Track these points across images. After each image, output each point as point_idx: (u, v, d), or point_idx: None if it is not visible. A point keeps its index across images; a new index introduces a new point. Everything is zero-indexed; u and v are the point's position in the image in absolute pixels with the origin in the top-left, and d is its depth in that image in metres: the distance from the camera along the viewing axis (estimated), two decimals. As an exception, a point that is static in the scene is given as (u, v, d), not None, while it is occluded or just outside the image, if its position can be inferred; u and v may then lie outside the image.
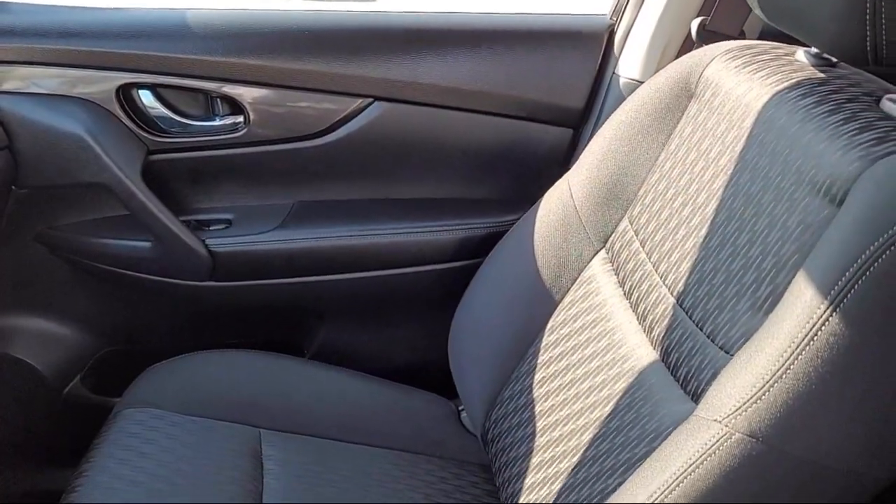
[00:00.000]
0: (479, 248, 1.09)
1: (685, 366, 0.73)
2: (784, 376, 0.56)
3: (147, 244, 1.06)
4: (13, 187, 1.00)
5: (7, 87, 0.97)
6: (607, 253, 0.93)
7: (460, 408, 1.14)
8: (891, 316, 0.54)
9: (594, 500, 0.73)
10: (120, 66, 1.00)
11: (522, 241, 1.03)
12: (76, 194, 1.05)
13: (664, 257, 0.82)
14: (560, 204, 0.99)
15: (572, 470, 0.82)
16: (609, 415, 0.80)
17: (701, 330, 0.72)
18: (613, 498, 0.64)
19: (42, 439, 1.17)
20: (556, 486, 0.84)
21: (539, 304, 0.98)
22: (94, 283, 1.12)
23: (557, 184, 1.01)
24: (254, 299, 1.10)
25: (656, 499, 0.59)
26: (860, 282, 0.54)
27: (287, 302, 1.12)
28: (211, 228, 1.08)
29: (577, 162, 1.00)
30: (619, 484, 0.68)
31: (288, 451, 0.99)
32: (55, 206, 1.06)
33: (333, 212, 1.12)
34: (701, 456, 0.58)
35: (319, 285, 1.10)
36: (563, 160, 1.10)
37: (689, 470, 0.58)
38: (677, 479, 0.59)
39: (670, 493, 0.59)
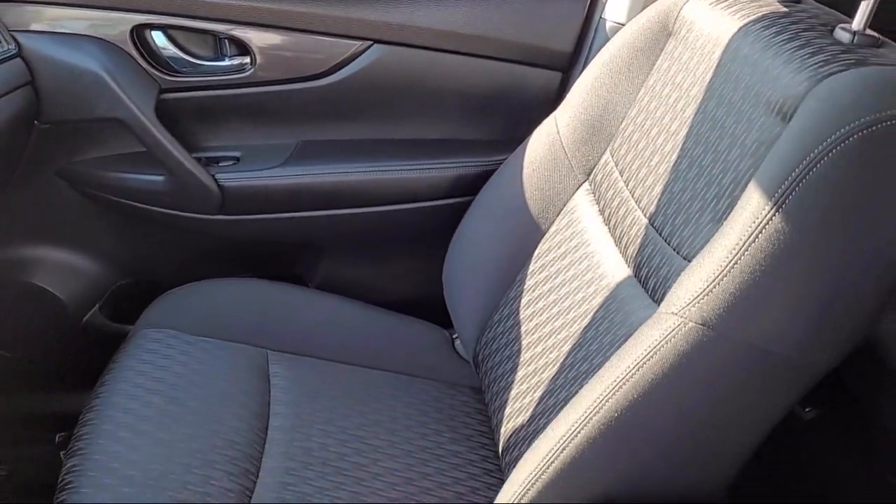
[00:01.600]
0: (472, 185, 1.15)
1: (654, 277, 0.80)
2: (732, 271, 0.63)
3: (161, 178, 1.13)
4: (36, 122, 1.07)
5: (32, 27, 1.04)
6: (590, 185, 1.00)
7: (454, 336, 1.21)
8: (826, 215, 0.60)
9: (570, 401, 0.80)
10: (134, 7, 1.07)
11: (512, 176, 1.09)
12: (94, 130, 1.12)
13: (640, 183, 0.88)
14: (547, 140, 1.05)
15: (552, 378, 0.90)
16: (586, 326, 0.87)
17: (668, 244, 0.79)
18: (584, 390, 0.71)
19: (62, 365, 1.25)
20: (538, 394, 0.91)
21: (526, 234, 1.05)
22: (111, 216, 1.20)
23: (545, 121, 1.07)
24: (260, 232, 1.17)
25: (618, 384, 0.66)
26: (800, 185, 0.60)
27: (290, 235, 1.19)
28: (220, 165, 1.15)
29: (565, 100, 1.05)
30: (592, 381, 0.76)
31: (293, 371, 1.07)
32: (75, 141, 1.12)
33: (334, 150, 1.18)
34: (658, 343, 0.65)
35: (320, 220, 1.17)
36: (552, 102, 1.16)
37: (648, 356, 0.65)
38: (637, 364, 0.66)
39: (630, 377, 0.66)
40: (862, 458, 1.16)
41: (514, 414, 0.94)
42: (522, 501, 0.72)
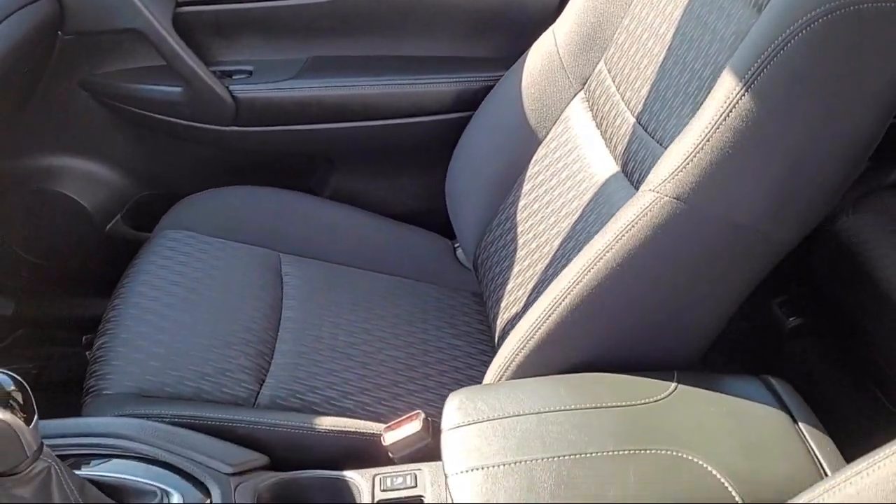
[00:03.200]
0: (475, 100, 1.20)
1: (638, 170, 0.85)
2: (704, 148, 0.68)
3: (178, 89, 1.19)
4: (59, 33, 1.12)
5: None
6: (585, 93, 1.05)
7: (455, 245, 1.28)
8: (791, 95, 0.65)
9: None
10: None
11: (512, 87, 1.14)
12: (115, 42, 1.18)
13: (630, 86, 0.93)
14: (545, 52, 1.10)
15: (544, 269, 0.96)
16: (576, 220, 0.93)
17: (653, 138, 0.84)
18: (567, 266, 0.77)
19: (87, 271, 1.33)
20: (530, 285, 0.98)
21: (524, 143, 1.10)
22: (131, 128, 1.26)
23: (543, 35, 1.11)
24: (272, 144, 1.23)
25: (599, 256, 0.73)
26: (768, 66, 0.65)
27: (301, 147, 1.25)
28: (234, 78, 1.20)
29: (562, 14, 1.10)
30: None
31: (304, 272, 1.14)
32: (97, 53, 1.18)
33: (343, 65, 1.23)
34: (636, 218, 0.71)
35: (330, 132, 1.23)
36: (551, 18, 1.20)
37: (626, 230, 0.71)
38: (616, 237, 0.72)
39: (610, 249, 0.72)
40: (847, 368, 1.23)
41: (509, 306, 1.01)
42: (509, 369, 0.79)
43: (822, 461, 0.68)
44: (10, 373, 0.62)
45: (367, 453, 0.85)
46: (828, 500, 0.54)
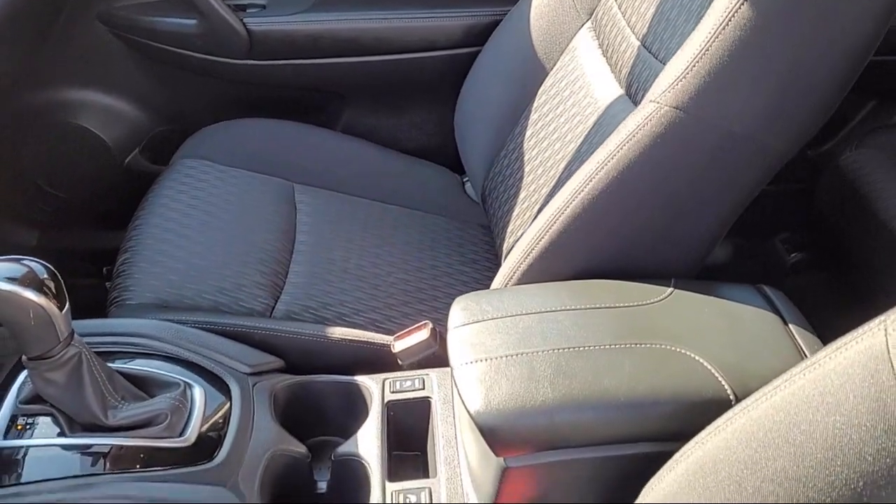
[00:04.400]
0: (484, 34, 1.22)
1: (641, 89, 0.88)
2: (703, 58, 0.70)
3: (193, 21, 1.21)
4: (78, -35, 1.15)
5: None
6: (592, 23, 1.06)
7: (465, 179, 1.31)
8: (788, 3, 0.67)
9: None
10: None
11: (519, 21, 1.16)
12: (131, -26, 1.20)
13: (635, 11, 0.95)
14: (553, -16, 1.11)
15: (549, 192, 0.99)
16: (581, 143, 0.96)
17: (657, 58, 0.86)
18: (572, 178, 0.80)
19: (107, 204, 1.37)
20: (536, 209, 1.01)
21: (532, 74, 1.12)
22: (148, 62, 1.29)
23: (552, -33, 1.13)
24: (286, 77, 1.26)
25: (600, 166, 0.75)
26: (767, -25, 0.67)
27: (314, 81, 1.28)
28: (248, 10, 1.23)
29: (571, -55, 1.11)
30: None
31: (317, 201, 1.18)
32: (114, -15, 1.21)
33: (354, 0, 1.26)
34: (637, 128, 0.74)
35: (342, 66, 1.25)
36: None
37: (627, 140, 0.74)
38: (618, 147, 0.75)
39: (611, 159, 0.75)
40: (847, 300, 1.26)
41: (515, 230, 1.04)
42: (514, 277, 0.82)
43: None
44: (43, 262, 0.66)
45: (378, 361, 0.89)
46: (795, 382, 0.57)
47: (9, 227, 1.32)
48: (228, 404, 0.76)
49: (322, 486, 0.80)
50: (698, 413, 0.63)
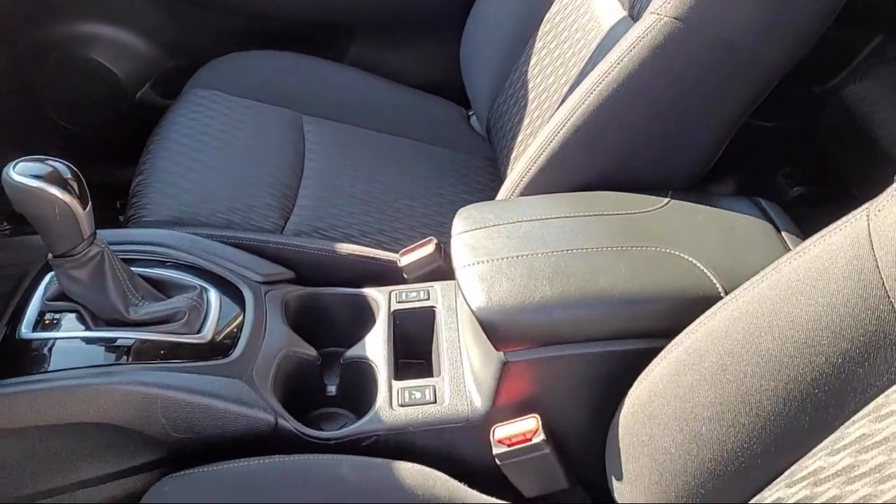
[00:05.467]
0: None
1: (644, 8, 0.89)
2: (704, -33, 0.72)
3: (202, -47, 1.23)
4: None
5: None
6: None
7: (470, 113, 1.33)
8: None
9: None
10: None
11: None
12: None
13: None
14: (560, -88, 1.12)
15: (552, 115, 1.01)
16: (584, 65, 0.97)
17: (660, -23, 0.88)
18: (574, 91, 0.82)
19: (119, 138, 1.40)
20: (540, 135, 1.03)
21: (537, 3, 1.14)
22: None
23: None
24: (294, 9, 1.28)
25: (600, 78, 0.78)
26: None
27: (322, 14, 1.29)
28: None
29: None
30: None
31: (325, 131, 1.20)
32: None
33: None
34: (637, 40, 0.76)
35: (349, -1, 1.27)
36: None
37: (627, 52, 0.76)
38: (618, 59, 0.77)
39: (612, 70, 0.77)
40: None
41: (518, 156, 1.06)
42: (516, 191, 0.85)
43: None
44: (67, 163, 0.70)
45: (384, 276, 0.92)
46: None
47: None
48: (242, 308, 0.80)
49: (332, 389, 0.84)
50: (690, 310, 0.66)
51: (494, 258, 0.72)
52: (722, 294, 0.69)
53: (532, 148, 0.84)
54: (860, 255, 0.56)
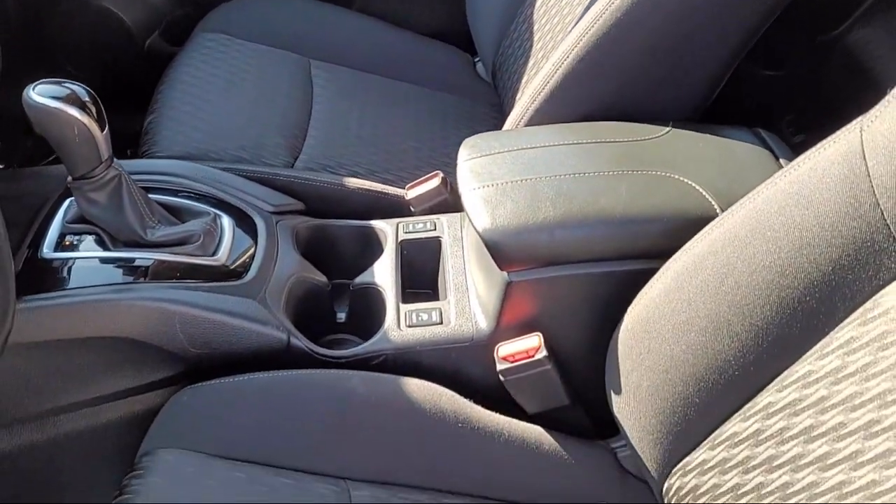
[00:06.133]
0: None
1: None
2: None
3: None
4: None
5: None
6: None
7: (476, 60, 1.34)
8: None
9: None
10: None
11: None
12: None
13: None
14: None
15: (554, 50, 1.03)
16: (589, 2, 0.98)
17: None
18: (579, 23, 0.83)
19: (130, 86, 1.41)
20: (544, 68, 1.05)
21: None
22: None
23: None
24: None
25: (605, 7, 0.79)
26: None
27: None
28: None
29: None
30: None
31: (332, 75, 1.21)
32: None
33: None
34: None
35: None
36: None
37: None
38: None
39: (613, 2, 0.78)
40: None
41: (523, 93, 1.08)
42: (521, 122, 0.87)
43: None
44: (84, 86, 0.72)
45: (391, 211, 0.95)
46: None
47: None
48: (254, 235, 0.82)
49: (341, 316, 0.87)
50: (688, 231, 0.69)
51: (499, 182, 0.74)
52: (719, 214, 0.71)
53: (537, 80, 0.85)
54: (852, 164, 0.58)
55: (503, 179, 0.74)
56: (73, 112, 0.68)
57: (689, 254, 0.68)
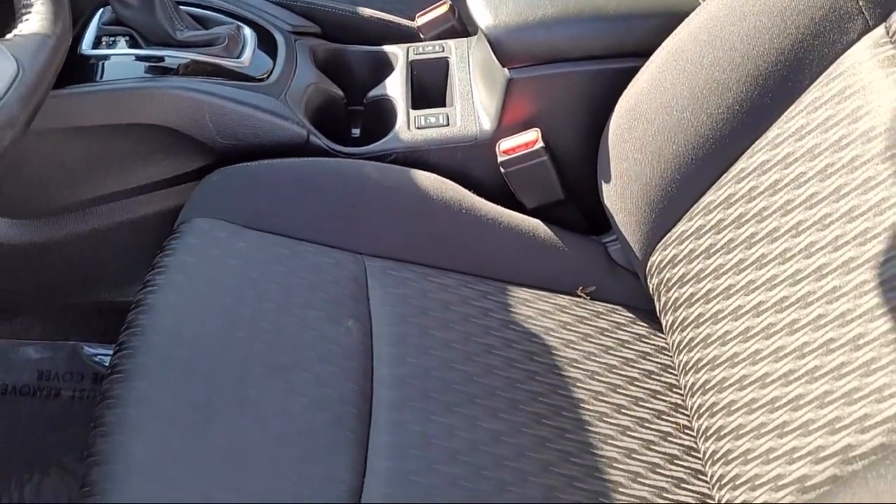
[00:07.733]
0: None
1: None
2: None
3: None
4: None
5: None
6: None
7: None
8: None
9: None
10: None
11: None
12: None
13: None
14: None
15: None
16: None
17: None
18: None
19: None
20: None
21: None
22: None
23: None
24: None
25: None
26: None
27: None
28: None
29: None
30: None
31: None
32: None
33: None
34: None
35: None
36: None
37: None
38: None
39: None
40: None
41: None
42: None
43: None
44: None
45: (403, 37, 0.99)
46: None
47: None
48: (274, 48, 0.88)
49: (356, 131, 0.94)
50: (677, 27, 0.74)
51: (501, -10, 0.80)
52: (703, 7, 0.76)
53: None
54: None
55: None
56: None
57: (673, 40, 0.73)
